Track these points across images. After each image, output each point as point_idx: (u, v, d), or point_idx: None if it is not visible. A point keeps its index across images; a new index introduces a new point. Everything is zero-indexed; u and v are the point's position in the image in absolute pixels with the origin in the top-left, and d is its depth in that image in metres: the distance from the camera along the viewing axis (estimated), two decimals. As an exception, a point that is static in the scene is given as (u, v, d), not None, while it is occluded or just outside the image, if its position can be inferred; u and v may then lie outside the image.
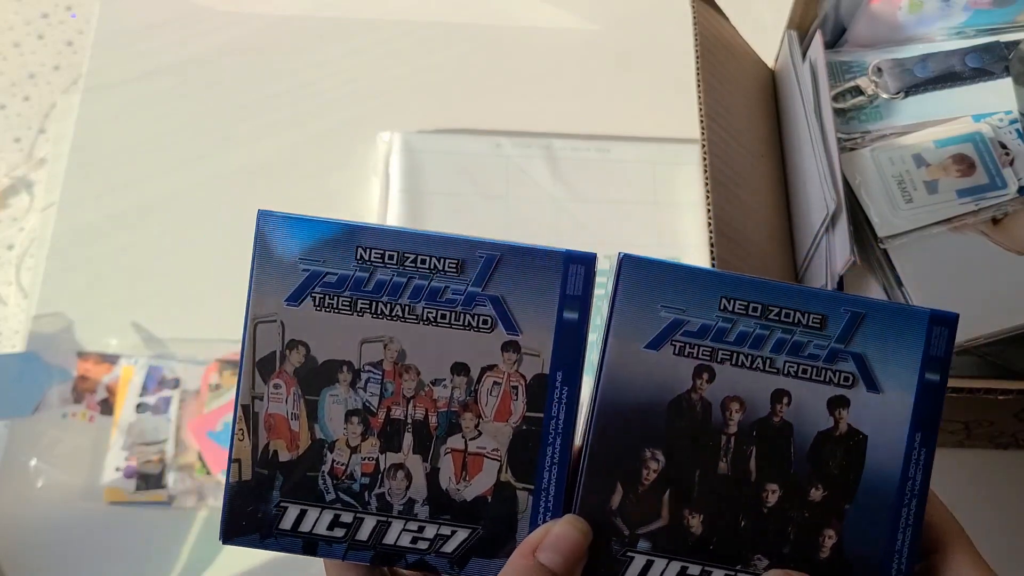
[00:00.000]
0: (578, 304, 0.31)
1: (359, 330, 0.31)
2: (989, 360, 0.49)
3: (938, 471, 0.64)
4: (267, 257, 0.31)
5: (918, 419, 0.30)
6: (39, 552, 0.58)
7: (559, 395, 0.31)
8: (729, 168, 0.49)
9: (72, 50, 0.82)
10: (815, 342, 0.31)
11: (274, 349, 0.31)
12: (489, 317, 0.31)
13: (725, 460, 0.31)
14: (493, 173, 0.68)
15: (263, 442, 0.32)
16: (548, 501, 0.31)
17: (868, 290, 0.49)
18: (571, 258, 0.31)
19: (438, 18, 0.78)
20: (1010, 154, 0.49)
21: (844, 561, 0.30)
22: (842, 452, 0.30)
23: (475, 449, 0.31)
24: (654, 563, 0.31)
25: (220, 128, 0.72)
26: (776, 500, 0.31)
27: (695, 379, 0.31)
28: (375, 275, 0.31)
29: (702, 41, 0.51)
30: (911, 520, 0.30)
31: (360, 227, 0.31)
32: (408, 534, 0.31)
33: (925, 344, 0.30)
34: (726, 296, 0.31)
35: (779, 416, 0.31)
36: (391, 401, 0.31)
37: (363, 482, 0.31)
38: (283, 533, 0.32)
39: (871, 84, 0.52)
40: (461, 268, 0.31)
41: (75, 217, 0.68)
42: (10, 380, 0.63)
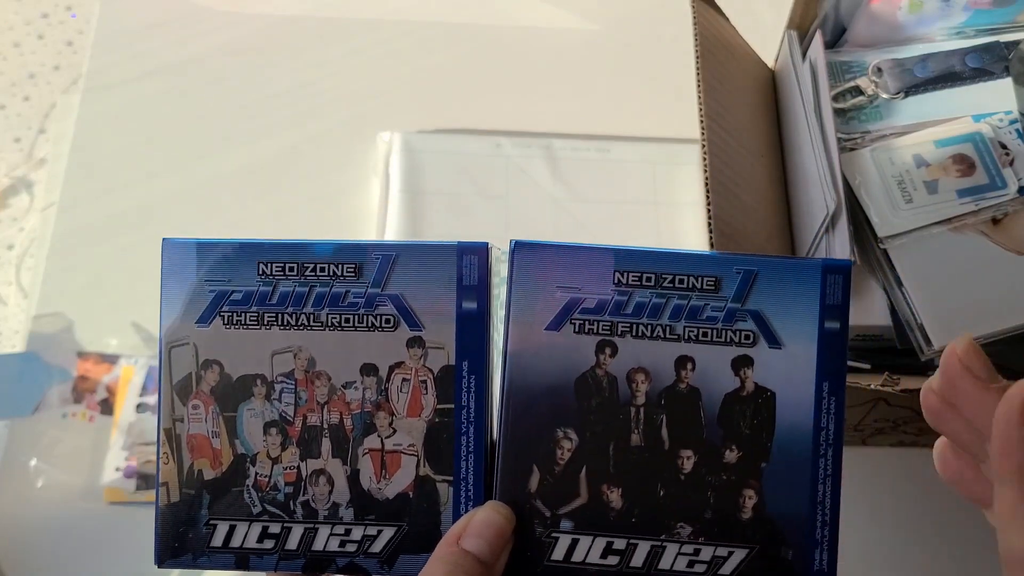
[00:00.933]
0: (475, 294, 0.31)
1: (268, 343, 0.32)
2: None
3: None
4: (174, 283, 0.32)
5: (823, 369, 0.30)
6: (39, 552, 0.58)
7: (467, 384, 0.32)
8: (729, 168, 0.49)
9: (72, 50, 0.82)
10: (712, 304, 0.31)
11: (189, 371, 0.32)
12: (391, 316, 0.32)
13: (637, 432, 0.31)
14: (493, 173, 0.68)
15: (187, 463, 0.32)
16: (468, 490, 0.32)
17: (868, 290, 0.49)
18: (464, 249, 0.32)
19: (438, 18, 0.78)
20: (1010, 154, 0.49)
21: (767, 519, 0.31)
22: (752, 411, 0.31)
23: (392, 447, 0.32)
24: (579, 541, 0.31)
25: (220, 128, 0.72)
26: (692, 466, 0.31)
27: (598, 355, 0.31)
28: (278, 288, 0.32)
29: (702, 41, 0.51)
30: (829, 470, 0.30)
31: (258, 243, 0.32)
32: (336, 538, 0.32)
33: (821, 294, 0.31)
34: (619, 270, 0.31)
35: (685, 382, 0.31)
36: (306, 409, 0.32)
37: (287, 491, 0.32)
38: (215, 551, 0.32)
39: (871, 84, 0.52)
40: (359, 271, 0.32)
41: (75, 217, 0.68)
42: (10, 380, 0.63)
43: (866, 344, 0.50)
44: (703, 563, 0.31)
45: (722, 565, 0.31)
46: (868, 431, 0.56)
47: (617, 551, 0.31)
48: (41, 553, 0.58)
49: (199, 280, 0.32)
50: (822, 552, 0.30)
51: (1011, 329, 0.46)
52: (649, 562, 0.31)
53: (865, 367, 0.48)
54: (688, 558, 0.31)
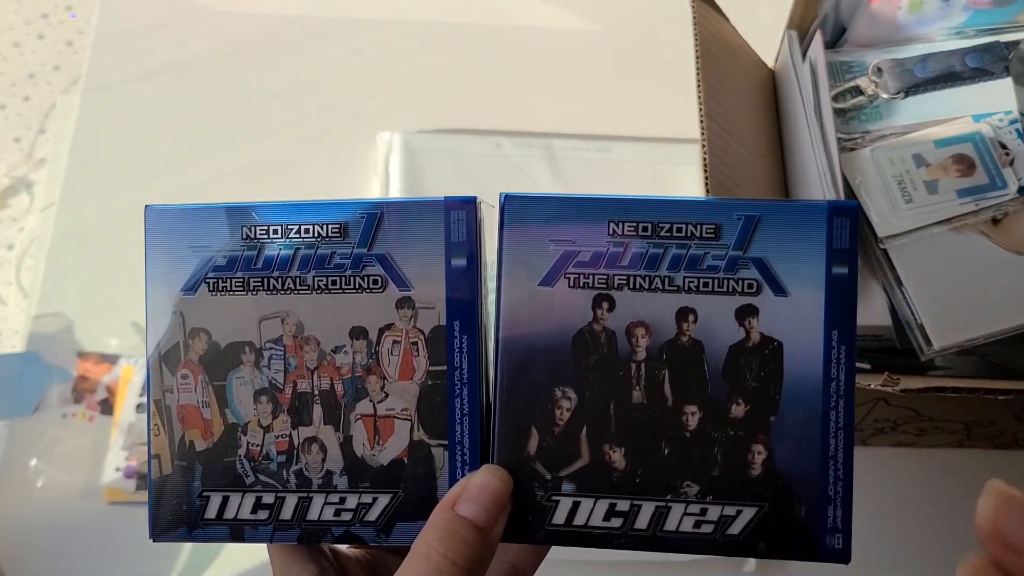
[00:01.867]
0: (465, 250, 0.30)
1: (255, 309, 0.31)
2: (989, 360, 0.49)
3: (938, 471, 0.65)
4: (158, 251, 0.32)
5: (832, 316, 0.29)
6: (39, 552, 0.58)
7: (459, 344, 0.31)
8: (729, 168, 0.49)
9: (72, 50, 0.82)
10: (712, 253, 0.29)
11: (177, 340, 0.31)
12: (379, 276, 0.31)
13: (638, 388, 0.30)
14: (493, 173, 0.68)
15: (178, 434, 0.31)
16: (464, 454, 0.31)
17: (868, 290, 0.49)
18: (451, 204, 0.31)
19: (438, 18, 0.78)
20: (1010, 154, 0.49)
21: (778, 474, 0.29)
22: (758, 363, 0.29)
23: (384, 412, 0.31)
24: (580, 504, 0.30)
25: (220, 128, 0.72)
26: (697, 422, 0.30)
27: (595, 309, 0.30)
28: (263, 252, 0.31)
29: (702, 41, 0.51)
30: (842, 422, 0.29)
31: (241, 207, 0.32)
32: (331, 507, 0.31)
33: (827, 238, 0.29)
34: (613, 220, 0.30)
35: (687, 335, 0.30)
36: (296, 375, 0.31)
37: (280, 460, 0.31)
38: (209, 523, 0.31)
39: (871, 84, 0.52)
40: (344, 232, 0.31)
41: (75, 217, 0.68)
42: (10, 380, 0.63)
43: (866, 344, 0.50)
44: (710, 523, 0.29)
45: (730, 525, 0.29)
46: (868, 431, 0.56)
47: (621, 513, 0.30)
48: (41, 553, 0.58)
49: (183, 247, 0.31)
50: (835, 508, 0.29)
51: (1011, 329, 0.46)
52: (654, 524, 0.30)
53: (865, 367, 0.48)
54: (695, 518, 0.29)
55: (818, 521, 0.29)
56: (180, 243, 0.32)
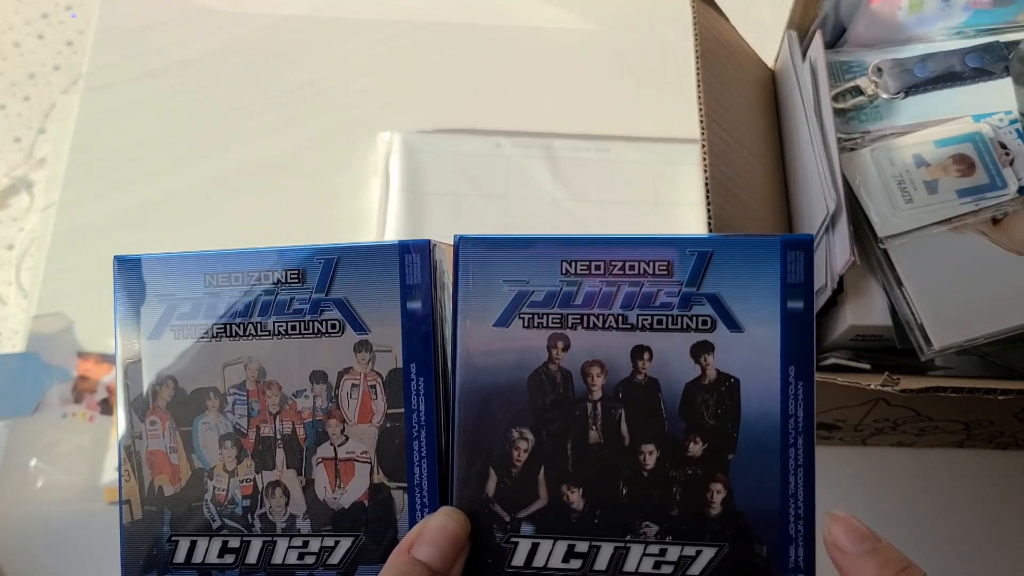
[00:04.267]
0: (420, 293, 0.31)
1: (219, 354, 0.32)
2: (989, 360, 0.49)
3: (938, 471, 0.65)
4: (127, 299, 0.32)
5: (788, 352, 0.29)
6: (39, 552, 0.58)
7: (416, 387, 0.31)
8: (729, 168, 0.49)
9: (72, 50, 0.82)
10: (665, 290, 0.29)
11: (145, 386, 0.32)
12: (337, 321, 0.31)
13: (595, 428, 0.30)
14: (493, 173, 0.68)
15: (148, 479, 0.32)
16: (423, 496, 0.31)
17: (869, 290, 0.49)
18: (405, 248, 0.31)
19: (438, 18, 0.78)
20: (1010, 154, 0.49)
21: (738, 514, 0.29)
22: (715, 400, 0.29)
23: (345, 455, 0.31)
24: (540, 545, 0.30)
25: (220, 128, 0.72)
26: (655, 462, 0.29)
27: (550, 349, 0.30)
28: (225, 298, 0.32)
29: (702, 41, 0.51)
30: (801, 460, 0.29)
31: (202, 255, 0.32)
32: (294, 551, 0.31)
33: (782, 272, 0.29)
34: (566, 259, 0.30)
35: (642, 373, 0.29)
36: (259, 420, 0.32)
37: (244, 504, 0.32)
38: (178, 567, 0.32)
39: (871, 84, 0.52)
40: (303, 277, 0.31)
41: (75, 217, 0.68)
42: (10, 380, 0.63)
43: (866, 344, 0.50)
44: (670, 563, 0.29)
45: (690, 565, 0.29)
46: (868, 431, 0.56)
47: (580, 554, 0.30)
48: (41, 553, 0.58)
49: (149, 295, 0.32)
50: (797, 548, 0.29)
51: (1011, 329, 0.46)
52: (613, 565, 0.29)
53: (865, 367, 0.48)
54: (654, 559, 0.29)
55: (780, 561, 0.29)
56: (147, 292, 0.32)
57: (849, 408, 0.52)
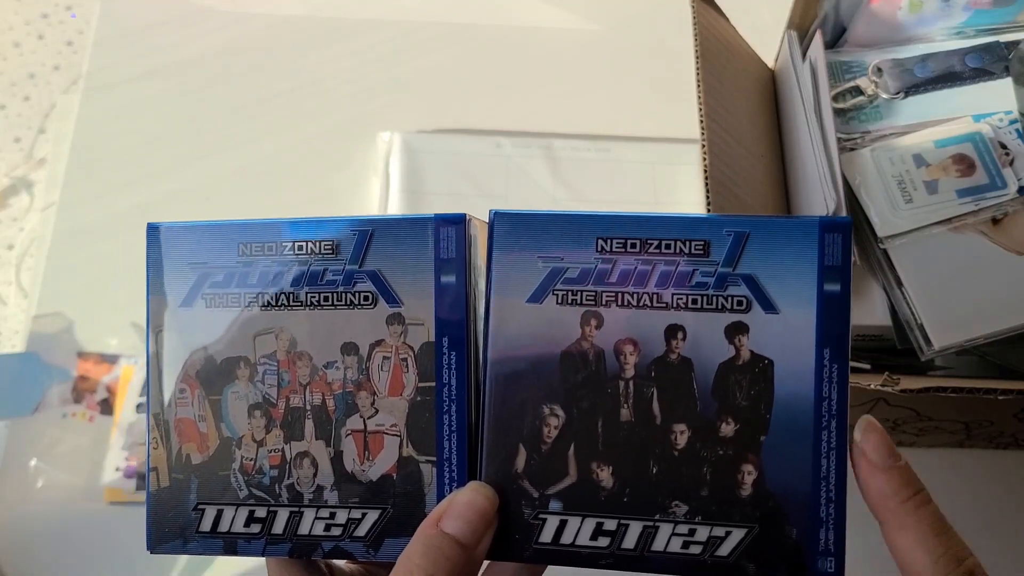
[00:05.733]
0: (454, 267, 0.31)
1: (251, 324, 0.32)
2: (989, 360, 0.49)
3: (938, 471, 0.64)
4: (159, 267, 0.32)
5: (824, 335, 0.29)
6: (39, 552, 0.58)
7: (448, 361, 0.31)
8: (729, 168, 0.49)
9: (72, 50, 0.82)
10: (701, 269, 0.29)
11: (175, 355, 0.32)
12: (370, 293, 0.31)
13: (627, 406, 0.29)
14: (493, 173, 0.68)
15: (176, 447, 0.32)
16: (452, 471, 0.31)
17: (868, 290, 0.49)
18: (441, 221, 0.31)
19: (438, 18, 0.78)
20: (1010, 154, 0.49)
21: (768, 495, 0.29)
22: (748, 381, 0.29)
23: (374, 427, 0.31)
24: (568, 523, 0.30)
25: (220, 128, 0.72)
26: (686, 441, 0.29)
27: (583, 327, 0.30)
28: (258, 268, 0.32)
29: (702, 41, 0.51)
30: (834, 443, 0.29)
31: (237, 224, 0.32)
32: (321, 522, 0.31)
33: (819, 254, 0.29)
34: (601, 236, 0.29)
35: (676, 352, 0.29)
36: (289, 390, 0.32)
37: (272, 475, 0.32)
38: (203, 535, 0.32)
39: (871, 84, 0.52)
40: (336, 249, 0.31)
41: (75, 217, 0.68)
42: (10, 380, 0.63)
43: (866, 344, 0.50)
44: (699, 544, 0.29)
45: (719, 546, 0.29)
46: (868, 431, 0.56)
47: (608, 532, 0.29)
48: (41, 553, 0.58)
49: (182, 263, 0.32)
50: (827, 531, 0.28)
51: (1011, 329, 0.46)
52: (642, 543, 0.29)
53: (865, 367, 0.48)
54: (683, 539, 0.29)
55: (809, 543, 0.29)
56: (179, 260, 0.32)
57: (849, 408, 0.52)
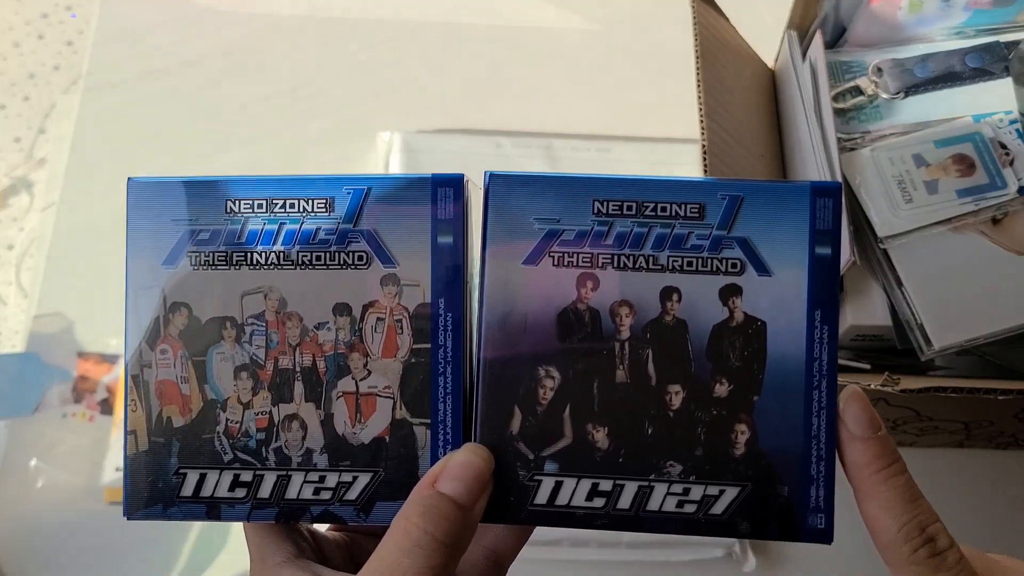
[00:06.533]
0: (450, 227, 0.30)
1: (238, 283, 0.31)
2: (989, 360, 0.49)
3: (938, 471, 0.64)
4: (139, 224, 0.31)
5: (815, 296, 0.29)
6: (39, 552, 0.58)
7: (444, 322, 0.30)
8: (729, 168, 0.49)
9: (72, 50, 0.82)
10: (696, 232, 0.29)
11: (157, 314, 0.31)
12: (364, 253, 0.30)
13: (622, 367, 0.30)
14: (493, 173, 0.68)
15: (156, 410, 0.31)
16: (447, 433, 0.30)
17: (868, 290, 0.49)
18: (438, 182, 0.30)
19: (439, 18, 0.78)
20: (1010, 154, 0.49)
21: (761, 454, 0.29)
22: (742, 342, 0.29)
23: (367, 389, 0.30)
24: (563, 483, 0.30)
25: (220, 128, 0.72)
26: (680, 401, 0.29)
27: (579, 288, 0.30)
28: (247, 226, 0.31)
29: (702, 41, 0.51)
30: (824, 402, 0.29)
31: (225, 180, 0.31)
32: (310, 486, 0.30)
33: (810, 218, 0.29)
34: (598, 199, 0.30)
35: (671, 314, 0.30)
36: (277, 351, 0.31)
37: (259, 438, 0.31)
38: (185, 500, 0.31)
39: (871, 84, 0.52)
40: (330, 206, 0.30)
41: (75, 217, 0.68)
42: (10, 380, 0.63)
43: (866, 344, 0.50)
44: (693, 503, 0.29)
45: (713, 504, 0.29)
46: (868, 431, 0.56)
47: (603, 493, 0.30)
48: (41, 553, 0.58)
49: (165, 220, 0.31)
50: (818, 488, 0.29)
51: (1011, 329, 0.46)
52: (637, 503, 0.29)
53: (865, 367, 0.48)
54: (678, 498, 0.29)
55: (801, 501, 0.29)
56: (162, 217, 0.31)
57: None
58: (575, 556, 0.57)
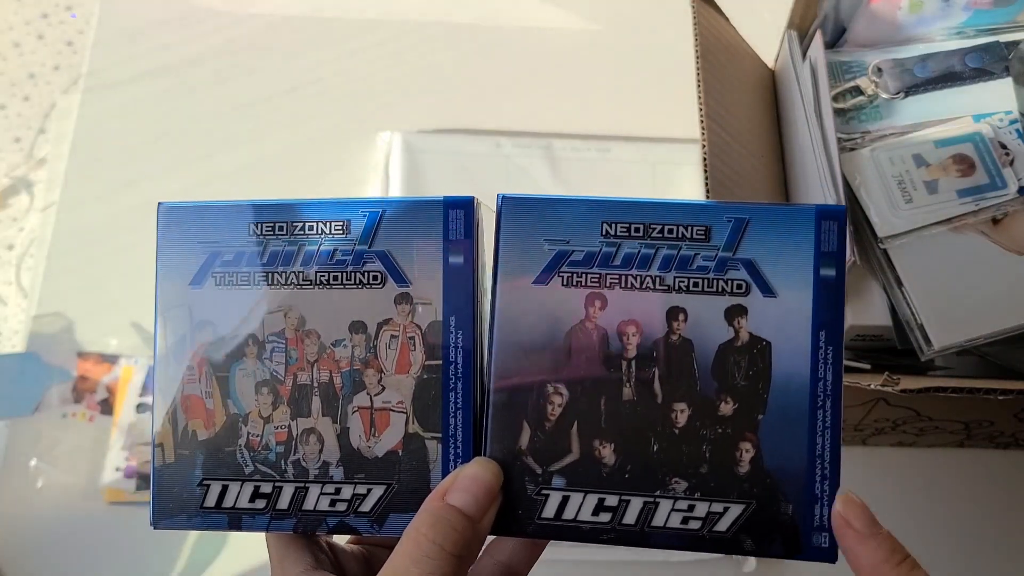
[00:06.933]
0: (462, 248, 0.31)
1: (260, 302, 0.32)
2: (989, 360, 0.49)
3: (938, 471, 0.64)
4: (169, 247, 0.33)
5: (819, 317, 0.30)
6: (39, 552, 0.58)
7: (455, 340, 0.31)
8: (729, 168, 0.49)
9: (72, 50, 0.82)
10: (702, 254, 0.30)
11: (184, 332, 0.32)
12: (379, 272, 0.32)
13: (629, 385, 0.30)
14: (493, 173, 0.68)
15: (182, 424, 0.32)
16: (457, 447, 0.31)
17: (868, 290, 0.49)
18: (450, 204, 0.32)
19: (438, 18, 0.78)
20: (1010, 154, 0.49)
21: (765, 472, 0.30)
22: (747, 362, 0.30)
23: (381, 404, 0.32)
24: (570, 498, 0.30)
25: (220, 128, 0.72)
26: (686, 420, 0.30)
27: (587, 308, 0.31)
28: (268, 247, 0.32)
29: (702, 41, 0.51)
30: (829, 421, 0.30)
31: (249, 204, 0.33)
32: (326, 497, 0.32)
33: (816, 240, 0.30)
34: (607, 221, 0.31)
35: (677, 334, 0.30)
36: (296, 367, 0.32)
37: (278, 451, 0.32)
38: (208, 511, 0.32)
39: (871, 84, 0.52)
40: (347, 229, 0.32)
41: (75, 217, 0.68)
42: (10, 380, 0.63)
43: (866, 344, 0.50)
44: (698, 519, 0.30)
45: (717, 521, 0.30)
46: (868, 431, 0.56)
47: (609, 508, 0.30)
48: (41, 553, 0.58)
49: (193, 242, 0.33)
50: (822, 507, 0.29)
51: (1011, 329, 0.46)
52: (642, 519, 0.30)
53: (865, 367, 0.48)
54: (682, 514, 0.30)
55: (805, 520, 0.30)
56: (190, 239, 0.33)
57: (849, 408, 0.52)
58: (576, 556, 0.57)
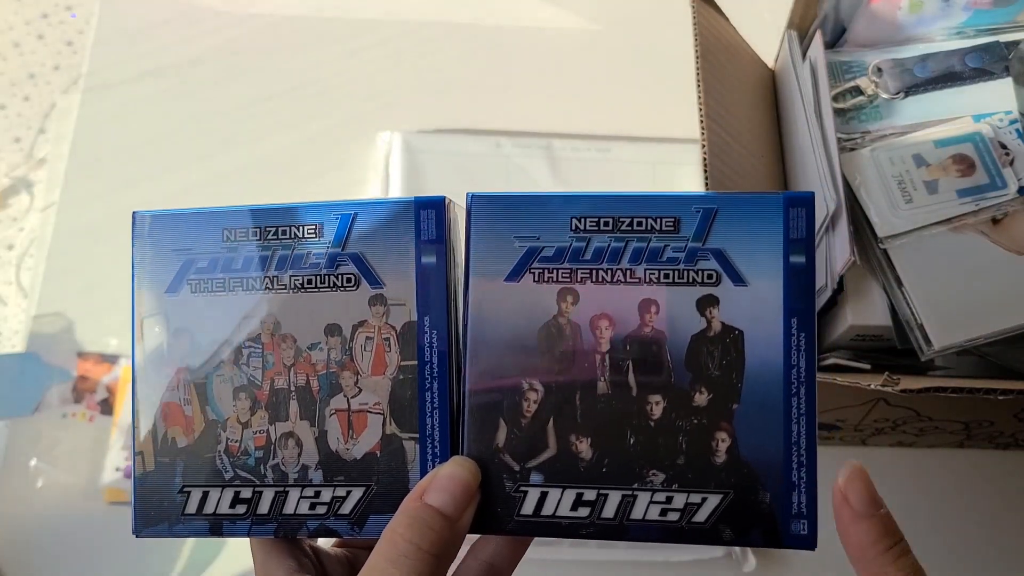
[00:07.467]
0: (434, 248, 0.31)
1: (236, 308, 0.32)
2: (989, 360, 0.49)
3: (938, 471, 0.64)
4: (144, 255, 0.33)
5: (790, 305, 0.30)
6: (39, 552, 0.58)
7: (429, 340, 0.31)
8: (729, 168, 0.49)
9: (72, 50, 0.82)
10: (672, 245, 0.30)
11: (161, 340, 0.33)
12: (352, 275, 0.32)
13: (603, 379, 0.30)
14: (493, 173, 0.68)
15: (161, 431, 0.32)
16: (435, 447, 0.31)
17: (868, 290, 0.49)
18: (421, 204, 0.32)
19: (438, 18, 0.78)
20: (1010, 154, 0.49)
21: (742, 462, 0.30)
22: (720, 352, 0.30)
23: (358, 406, 0.32)
24: (548, 494, 0.30)
25: (220, 128, 0.72)
26: (661, 411, 0.30)
27: (559, 303, 0.31)
28: (242, 253, 0.32)
29: (702, 41, 0.51)
30: (803, 408, 0.29)
31: (220, 211, 0.33)
32: (306, 501, 0.32)
33: (784, 228, 0.30)
34: (576, 216, 0.31)
35: (649, 326, 0.30)
36: (273, 372, 0.32)
37: (257, 455, 0.32)
38: (189, 518, 0.32)
39: (871, 84, 0.52)
40: (320, 232, 0.32)
41: (75, 217, 0.68)
42: (10, 380, 0.63)
43: (866, 344, 0.50)
44: (676, 511, 0.30)
45: (696, 512, 0.30)
46: (868, 431, 0.56)
47: (588, 502, 0.30)
48: (41, 553, 0.58)
49: (167, 250, 0.33)
50: (800, 494, 0.29)
51: (1011, 329, 0.46)
52: (621, 512, 0.30)
53: (865, 367, 0.48)
54: (661, 506, 0.30)
55: (783, 507, 0.30)
56: (164, 247, 0.33)
57: (849, 408, 0.52)
58: (575, 556, 0.57)
